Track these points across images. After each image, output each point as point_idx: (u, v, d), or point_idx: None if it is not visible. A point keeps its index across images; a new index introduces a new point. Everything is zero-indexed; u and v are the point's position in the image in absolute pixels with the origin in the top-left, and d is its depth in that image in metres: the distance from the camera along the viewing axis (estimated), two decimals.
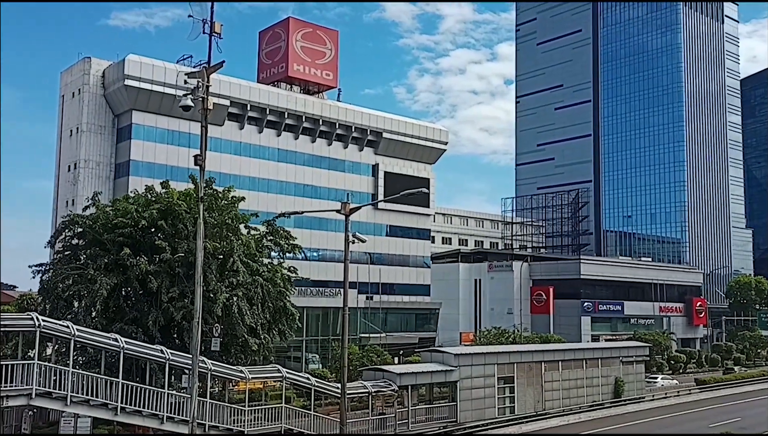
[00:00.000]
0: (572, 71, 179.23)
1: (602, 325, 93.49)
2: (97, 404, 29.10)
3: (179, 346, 35.68)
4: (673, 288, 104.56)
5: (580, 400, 51.91)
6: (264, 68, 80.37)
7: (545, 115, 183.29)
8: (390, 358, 58.91)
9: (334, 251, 74.93)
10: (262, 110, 72.94)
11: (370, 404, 38.94)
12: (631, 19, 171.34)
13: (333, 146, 79.29)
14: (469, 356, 45.28)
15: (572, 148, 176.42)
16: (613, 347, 59.31)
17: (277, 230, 42.83)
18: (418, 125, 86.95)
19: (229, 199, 40.01)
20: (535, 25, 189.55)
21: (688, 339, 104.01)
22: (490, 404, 45.06)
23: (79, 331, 29.28)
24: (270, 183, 73.27)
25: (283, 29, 78.60)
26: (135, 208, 37.27)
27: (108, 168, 66.94)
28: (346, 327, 31.71)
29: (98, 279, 34.37)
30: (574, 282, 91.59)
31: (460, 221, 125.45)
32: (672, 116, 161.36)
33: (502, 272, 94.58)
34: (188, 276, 34.71)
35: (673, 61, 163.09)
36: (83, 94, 66.43)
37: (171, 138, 66.79)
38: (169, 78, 64.09)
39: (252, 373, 34.32)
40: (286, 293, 41.17)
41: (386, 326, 77.93)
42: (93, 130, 66.39)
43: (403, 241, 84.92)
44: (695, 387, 66.11)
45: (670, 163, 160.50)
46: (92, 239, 37.44)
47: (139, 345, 31.30)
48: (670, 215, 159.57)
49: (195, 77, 23.21)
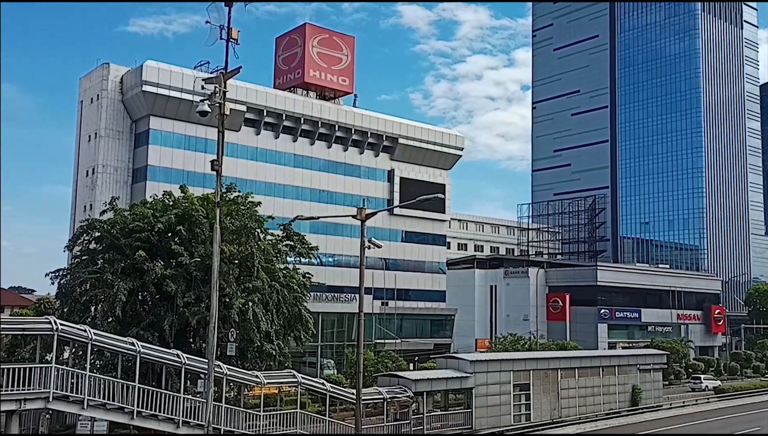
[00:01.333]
0: (589, 77, 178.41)
1: (619, 332, 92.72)
2: (114, 407, 29.23)
3: (195, 351, 35.76)
4: (691, 295, 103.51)
5: (596, 408, 51.47)
6: (280, 74, 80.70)
7: (562, 121, 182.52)
8: (405, 364, 58.68)
9: (350, 257, 74.91)
10: (278, 116, 73.19)
11: (385, 410, 38.82)
12: (649, 24, 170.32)
13: (349, 152, 79.38)
14: (484, 363, 45.04)
15: (589, 154, 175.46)
16: (630, 355, 58.80)
17: (293, 234, 42.89)
18: (433, 131, 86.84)
19: (247, 204, 40.11)
20: (552, 30, 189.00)
21: (707, 347, 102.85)
22: (505, 411, 44.77)
23: (96, 335, 29.45)
24: (286, 188, 73.42)
25: (299, 35, 78.90)
26: (152, 212, 37.45)
27: (126, 173, 67.42)
28: (362, 333, 31.64)
29: (116, 284, 34.51)
30: (590, 289, 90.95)
31: (476, 226, 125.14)
32: (690, 122, 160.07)
33: (518, 279, 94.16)
34: (204, 281, 34.81)
35: (692, 67, 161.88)
36: (101, 100, 66.97)
37: (188, 143, 67.18)
38: (186, 84, 64.47)
39: (267, 378, 34.35)
40: (302, 298, 41.18)
41: (401, 332, 77.69)
42: (111, 136, 66.92)
43: (419, 247, 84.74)
44: (714, 396, 65.35)
45: (688, 169, 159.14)
46: (109, 244, 37.64)
47: (155, 349, 31.42)
48: (689, 222, 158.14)
49: (212, 83, 23.32)
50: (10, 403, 26.64)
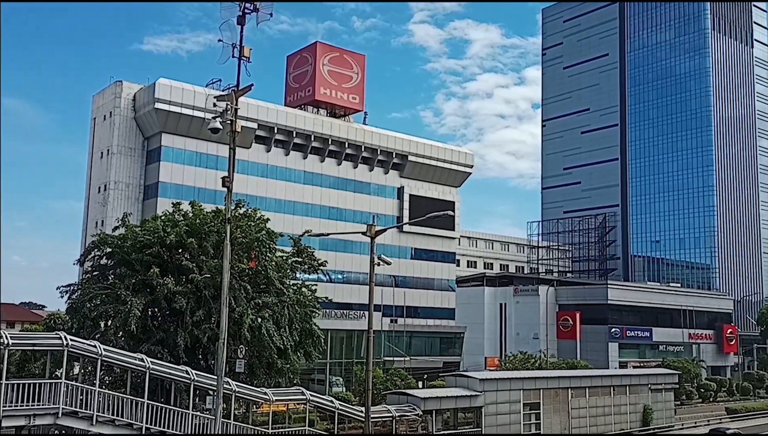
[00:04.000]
0: (599, 95, 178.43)
1: (630, 351, 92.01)
2: (123, 424, 29.23)
3: (204, 367, 35.71)
4: (703, 314, 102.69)
5: (607, 427, 51.00)
6: (291, 92, 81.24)
7: (572, 139, 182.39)
8: (414, 382, 58.46)
9: (359, 274, 74.91)
10: (288, 133, 73.60)
11: (393, 428, 38.61)
12: (659, 43, 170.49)
13: (359, 169, 79.63)
14: (494, 381, 44.79)
15: (599, 172, 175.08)
16: (641, 374, 58.31)
17: (303, 250, 42.89)
18: (443, 148, 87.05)
19: (256, 219, 40.18)
20: (562, 49, 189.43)
21: (719, 367, 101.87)
22: (515, 430, 44.42)
23: (106, 351, 29.50)
24: (296, 205, 73.66)
25: (310, 53, 79.51)
26: (162, 226, 37.57)
27: (137, 189, 67.85)
28: (371, 350, 31.56)
29: (128, 299, 34.55)
30: (601, 307, 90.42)
31: (486, 244, 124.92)
32: (701, 141, 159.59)
33: (528, 297, 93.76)
34: (214, 297, 34.83)
35: (702, 86, 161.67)
36: (114, 117, 67.61)
37: (199, 160, 67.61)
38: (198, 101, 65.02)
39: (276, 395, 34.27)
40: (312, 314, 41.09)
41: (410, 349, 77.42)
42: (123, 153, 67.45)
43: (428, 264, 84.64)
44: (726, 416, 64.60)
45: (699, 187, 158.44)
46: (120, 259, 37.76)
47: (164, 366, 31.42)
48: (700, 241, 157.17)
49: (224, 100, 23.51)
50: (19, 418, 26.70)
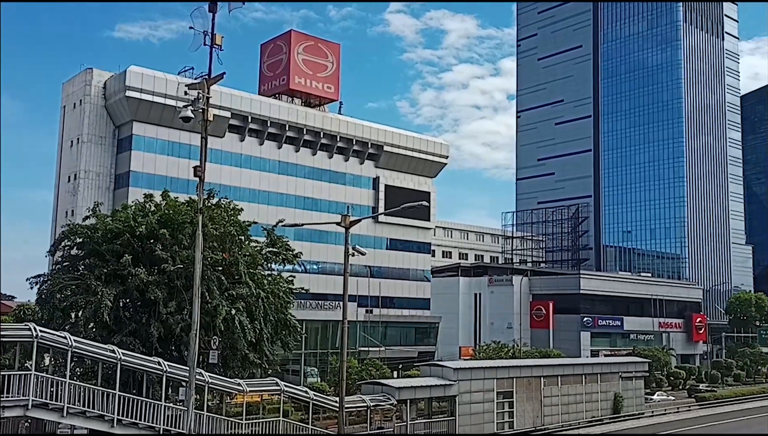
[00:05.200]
0: (573, 86, 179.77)
1: (602, 340, 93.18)
2: (94, 415, 28.92)
3: (177, 358, 35.45)
4: (673, 304, 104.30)
5: (578, 415, 51.67)
6: (265, 80, 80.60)
7: (546, 130, 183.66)
8: (389, 372, 58.61)
9: (334, 264, 74.78)
10: (263, 122, 73.08)
11: (368, 418, 38.73)
12: (632, 35, 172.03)
13: (334, 159, 79.39)
14: (468, 371, 45.11)
15: (572, 163, 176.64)
16: (612, 363, 59.15)
17: (277, 240, 42.69)
18: (419, 139, 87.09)
19: (230, 210, 39.91)
20: (537, 40, 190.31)
21: (688, 355, 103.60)
22: (489, 418, 44.83)
23: (77, 342, 29.14)
24: (270, 195, 73.26)
25: (284, 42, 78.91)
26: (133, 216, 37.15)
27: (108, 179, 66.98)
28: (345, 340, 31.57)
29: (99, 290, 34.16)
30: (573, 297, 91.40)
31: (461, 234, 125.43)
32: (672, 132, 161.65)
33: (502, 287, 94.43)
34: (187, 288, 34.55)
35: (673, 77, 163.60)
36: (84, 105, 66.58)
37: (171, 149, 66.88)
38: (170, 89, 64.27)
39: (250, 386, 34.15)
40: (287, 305, 40.98)
41: (385, 339, 77.60)
42: (93, 141, 66.49)
43: (404, 254, 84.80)
44: (695, 404, 65.82)
45: (669, 178, 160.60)
46: (91, 250, 37.29)
47: (136, 357, 31.13)
48: (670, 231, 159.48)
49: (195, 89, 23.22)
50: None
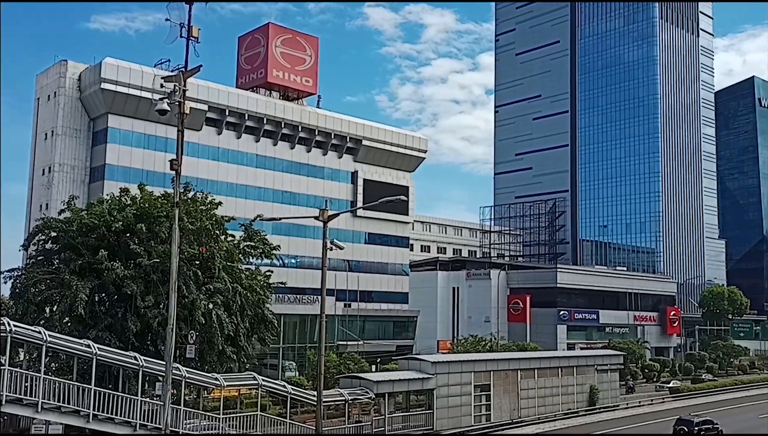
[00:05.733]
0: (550, 82, 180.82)
1: (578, 333, 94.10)
2: (69, 411, 28.65)
3: (154, 353, 35.23)
4: (648, 297, 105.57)
5: (555, 408, 52.20)
6: (243, 73, 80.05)
7: (524, 125, 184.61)
8: (367, 366, 58.73)
9: (312, 258, 74.61)
10: (240, 116, 72.60)
11: (346, 411, 38.81)
12: (608, 31, 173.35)
13: (312, 153, 79.13)
14: (446, 364, 45.35)
15: (550, 158, 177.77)
16: (588, 356, 59.75)
17: (254, 235, 42.53)
18: (397, 133, 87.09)
19: (207, 204, 39.67)
20: (515, 35, 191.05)
21: (662, 348, 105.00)
22: (466, 411, 45.12)
23: (51, 337, 28.82)
24: (248, 189, 72.87)
25: (262, 35, 78.39)
26: (108, 210, 36.79)
27: (83, 172, 66.18)
28: (323, 335, 31.57)
29: (74, 284, 33.80)
30: (550, 291, 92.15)
31: (439, 229, 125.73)
32: (647, 128, 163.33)
33: (480, 281, 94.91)
34: (163, 282, 34.32)
35: (649, 74, 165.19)
36: (59, 97, 65.68)
37: (147, 142, 66.23)
38: (146, 82, 63.58)
39: (227, 381, 34.04)
40: (265, 300, 40.88)
41: (364, 333, 77.70)
42: (68, 134, 65.64)
43: (382, 248, 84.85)
44: (669, 396, 66.76)
45: (645, 173, 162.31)
46: (66, 243, 36.88)
47: (112, 352, 30.87)
48: (645, 225, 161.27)
49: (172, 81, 23.02)
50: None
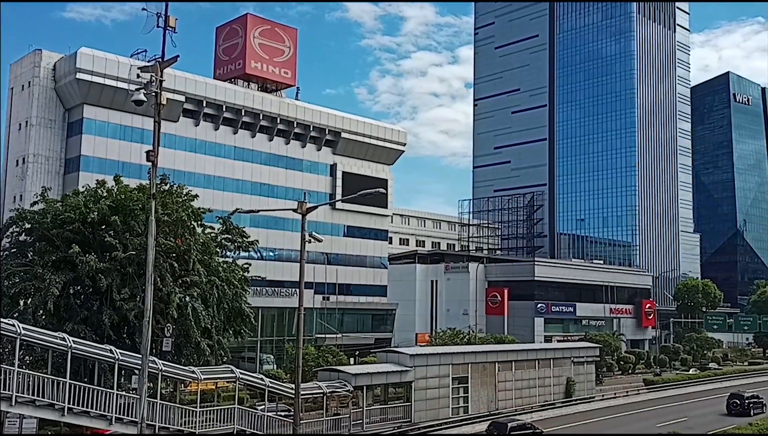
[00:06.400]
0: (529, 76, 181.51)
1: (555, 326, 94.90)
2: (44, 404, 28.33)
3: (130, 346, 34.95)
4: (624, 290, 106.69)
5: (532, 400, 52.62)
6: (221, 64, 79.38)
7: (502, 119, 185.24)
8: (346, 358, 58.80)
9: (291, 251, 74.39)
10: (218, 107, 72.00)
11: (324, 404, 38.78)
12: (587, 25, 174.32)
13: (291, 145, 78.74)
14: (424, 357, 45.48)
15: (528, 151, 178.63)
16: (564, 348, 60.26)
17: (232, 228, 42.29)
18: (376, 126, 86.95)
19: (183, 196, 39.35)
20: (494, 29, 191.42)
21: (638, 340, 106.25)
22: (444, 404, 45.32)
23: (25, 329, 28.44)
24: (226, 181, 72.36)
25: (240, 25, 77.73)
26: (84, 202, 36.35)
27: (58, 163, 65.28)
28: (302, 327, 31.49)
29: (47, 277, 33.41)
30: (528, 284, 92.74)
31: (418, 222, 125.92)
32: (624, 122, 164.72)
33: (459, 274, 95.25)
34: (139, 275, 34.01)
35: (626, 68, 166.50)
36: (33, 87, 64.68)
37: (123, 133, 65.45)
38: (122, 72, 62.83)
39: (204, 374, 33.83)
40: (242, 293, 40.69)
41: (342, 326, 77.68)
42: (43, 124, 64.69)
43: (361, 241, 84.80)
44: (644, 387, 67.58)
45: (622, 168, 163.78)
46: (40, 235, 36.42)
47: (87, 345, 30.56)
48: (622, 219, 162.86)
49: (148, 71, 22.74)
50: None
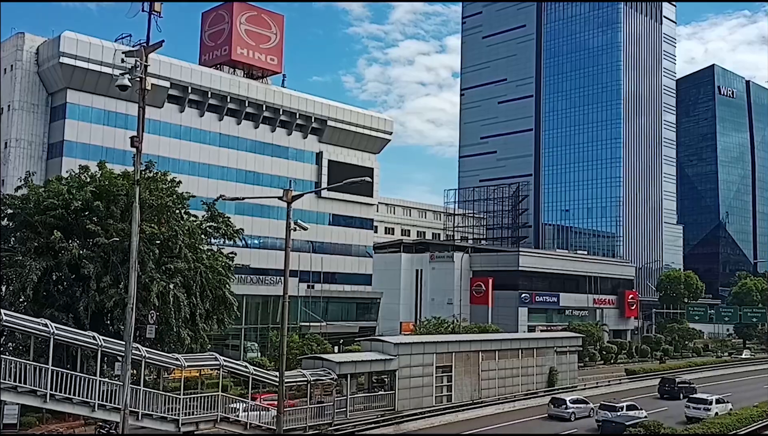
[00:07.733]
0: (516, 66, 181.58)
1: (539, 316, 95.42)
2: (25, 390, 28.15)
3: (112, 333, 34.77)
4: (607, 281, 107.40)
5: (515, 389, 52.94)
6: (206, 50, 78.70)
7: (489, 109, 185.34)
8: (330, 347, 58.81)
9: (276, 239, 74.10)
10: (203, 93, 71.45)
11: (308, 392, 38.81)
12: (574, 16, 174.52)
13: (276, 133, 78.35)
14: (408, 346, 45.62)
15: (514, 141, 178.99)
16: (547, 338, 60.66)
17: (217, 215, 42.10)
18: (363, 114, 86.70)
19: (168, 182, 39.08)
20: (481, 18, 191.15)
21: (620, 330, 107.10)
22: (428, 392, 45.50)
23: (6, 315, 28.21)
24: (211, 168, 71.92)
25: (226, 11, 77.06)
26: (67, 188, 36.01)
27: (41, 148, 64.59)
28: (286, 316, 31.44)
29: (27, 263, 33.13)
30: (512, 274, 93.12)
31: (403, 211, 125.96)
32: (610, 113, 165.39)
33: (444, 263, 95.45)
34: (123, 262, 33.79)
35: (613, 60, 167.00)
36: (15, 71, 63.85)
37: (107, 119, 64.82)
38: (106, 57, 62.04)
39: (188, 361, 33.74)
40: (226, 281, 40.55)
41: (327, 315, 77.71)
42: (25, 109, 63.91)
43: (346, 230, 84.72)
44: (625, 377, 68.19)
45: (607, 159, 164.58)
46: (22, 221, 36.07)
47: (70, 331, 30.37)
48: (606, 210, 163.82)
49: (133, 56, 22.49)
50: None
